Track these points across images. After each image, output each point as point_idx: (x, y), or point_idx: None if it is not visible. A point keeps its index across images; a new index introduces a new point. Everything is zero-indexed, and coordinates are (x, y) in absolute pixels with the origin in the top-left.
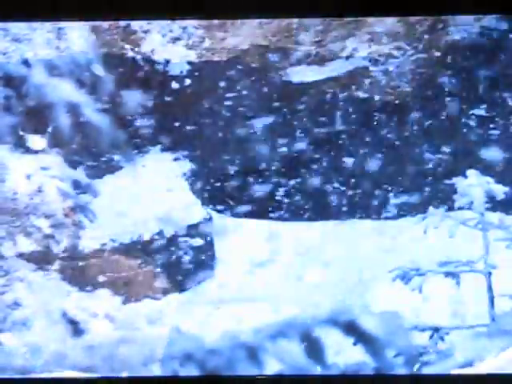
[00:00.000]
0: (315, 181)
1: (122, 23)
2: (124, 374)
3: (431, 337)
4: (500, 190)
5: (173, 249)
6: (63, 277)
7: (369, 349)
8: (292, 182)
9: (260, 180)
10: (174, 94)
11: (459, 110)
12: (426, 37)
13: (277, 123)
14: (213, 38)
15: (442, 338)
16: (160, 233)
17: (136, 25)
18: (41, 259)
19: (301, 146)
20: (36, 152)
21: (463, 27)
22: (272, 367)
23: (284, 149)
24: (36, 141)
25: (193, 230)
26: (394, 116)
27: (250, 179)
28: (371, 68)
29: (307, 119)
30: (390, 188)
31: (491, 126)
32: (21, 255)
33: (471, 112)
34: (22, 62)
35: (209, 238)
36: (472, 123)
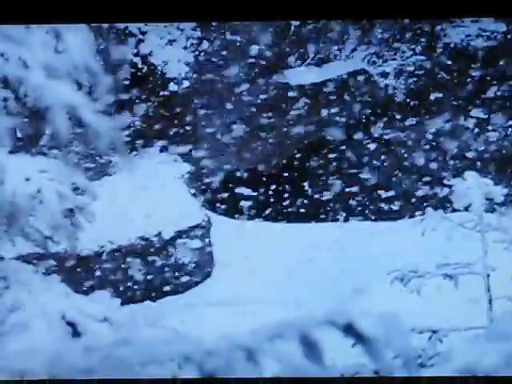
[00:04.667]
0: (314, 184)
1: (121, 25)
2: (122, 376)
3: (430, 339)
4: (498, 192)
5: (171, 250)
6: (62, 278)
7: (367, 350)
8: (290, 184)
9: (258, 182)
10: (172, 96)
11: (458, 111)
12: (424, 39)
13: (275, 125)
14: (211, 40)
15: (440, 340)
16: (159, 234)
17: (134, 27)
18: (40, 261)
19: (299, 147)
20: (35, 154)
21: (461, 29)
22: (270, 369)
23: (284, 150)
24: None
25: (191, 231)
26: (392, 117)
27: (248, 181)
28: (369, 70)
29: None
30: (387, 190)
31: (489, 127)
32: (19, 257)
33: (470, 114)
34: (20, 63)
35: (207, 240)
36: (470, 125)
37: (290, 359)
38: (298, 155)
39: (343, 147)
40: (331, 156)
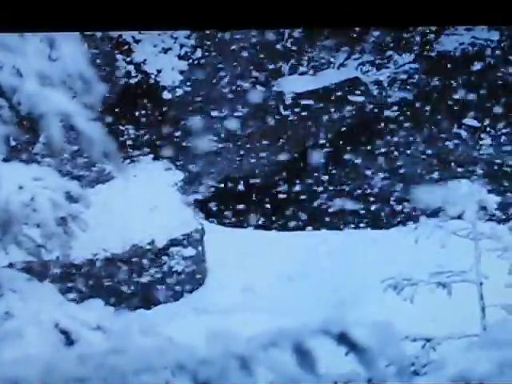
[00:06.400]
0: (308, 192)
1: (114, 33)
2: None
3: (423, 347)
4: (492, 200)
5: (165, 258)
6: (55, 287)
7: (361, 359)
8: (284, 193)
9: (251, 190)
10: (166, 104)
11: (451, 119)
12: (417, 47)
13: (269, 133)
14: (205, 49)
15: (433, 348)
16: (152, 243)
17: (128, 35)
18: (33, 269)
19: (293, 156)
20: (28, 162)
21: (455, 38)
22: (264, 377)
23: (278, 159)
24: None
25: (185, 239)
26: (385, 125)
27: (241, 189)
28: (362, 78)
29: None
30: (381, 198)
31: (482, 135)
32: (13, 265)
33: (463, 122)
34: (14, 71)
35: (200, 248)
36: (463, 133)
37: (283, 368)
38: (291, 163)
39: (337, 155)
40: (324, 164)
